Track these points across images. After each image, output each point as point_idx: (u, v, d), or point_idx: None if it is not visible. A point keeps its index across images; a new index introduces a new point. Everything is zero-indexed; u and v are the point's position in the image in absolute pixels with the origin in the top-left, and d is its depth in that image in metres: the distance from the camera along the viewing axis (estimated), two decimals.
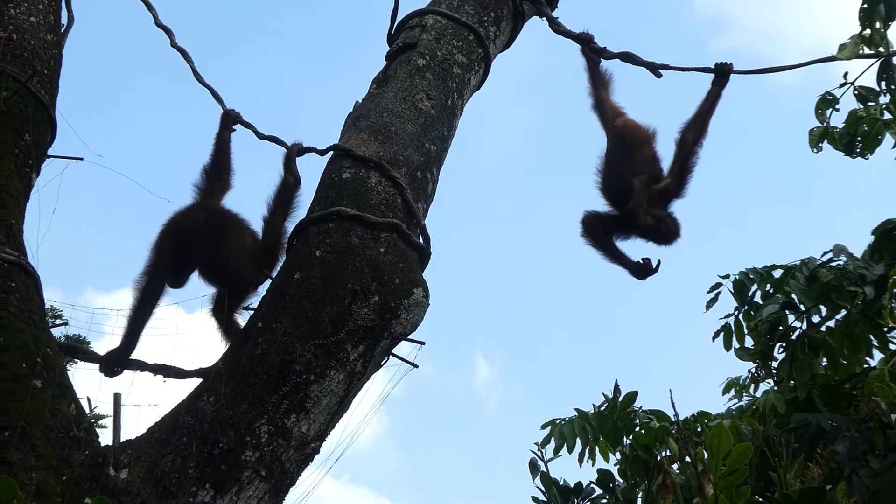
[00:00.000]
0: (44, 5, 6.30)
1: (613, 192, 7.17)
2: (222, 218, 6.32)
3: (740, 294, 9.33)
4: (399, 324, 5.33)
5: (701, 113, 6.95)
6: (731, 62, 6.87)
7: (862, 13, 6.93)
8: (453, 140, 6.50)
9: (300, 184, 6.37)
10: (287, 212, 6.28)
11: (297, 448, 4.90)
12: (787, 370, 8.43)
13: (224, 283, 6.29)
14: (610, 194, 7.20)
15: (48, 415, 4.59)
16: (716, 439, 4.89)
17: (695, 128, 6.94)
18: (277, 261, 6.17)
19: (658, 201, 6.99)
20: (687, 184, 7.02)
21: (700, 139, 6.96)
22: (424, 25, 6.72)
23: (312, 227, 5.55)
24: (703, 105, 6.96)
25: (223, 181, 6.54)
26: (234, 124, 6.70)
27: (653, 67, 7.01)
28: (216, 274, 6.28)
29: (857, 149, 8.90)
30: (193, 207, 6.32)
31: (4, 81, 5.68)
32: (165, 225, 6.21)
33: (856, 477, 6.78)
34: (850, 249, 8.54)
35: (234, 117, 6.70)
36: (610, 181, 7.20)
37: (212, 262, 6.22)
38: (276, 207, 6.28)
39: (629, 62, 7.17)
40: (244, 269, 6.15)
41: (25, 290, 5.06)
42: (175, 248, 6.13)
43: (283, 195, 6.29)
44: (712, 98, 6.94)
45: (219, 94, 6.91)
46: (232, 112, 6.73)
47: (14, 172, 5.49)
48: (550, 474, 7.25)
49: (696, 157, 6.98)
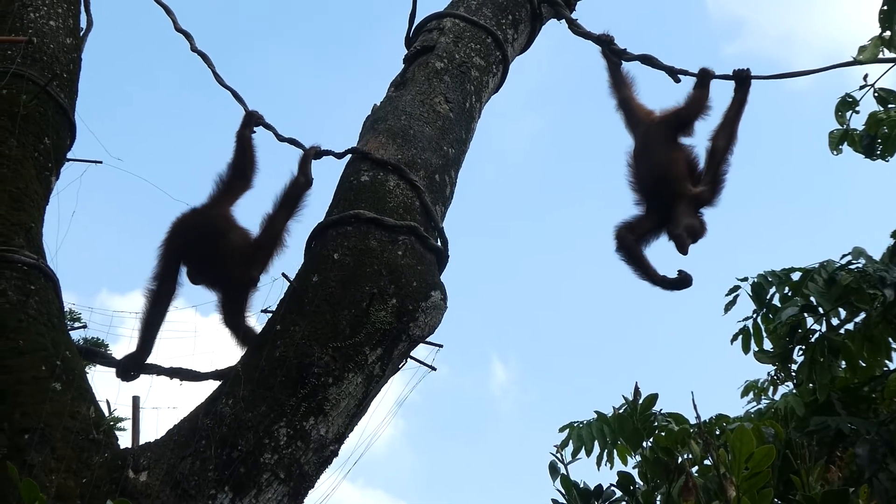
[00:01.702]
0: (63, 9, 6.32)
1: (646, 191, 7.13)
2: (212, 220, 6.33)
3: (759, 297, 9.30)
4: (417, 327, 5.32)
5: (728, 120, 6.92)
6: (748, 67, 6.86)
7: (882, 15, 6.90)
8: (471, 143, 6.49)
9: (310, 185, 6.38)
10: (292, 211, 6.30)
11: (315, 451, 4.90)
12: (806, 373, 8.40)
13: (216, 285, 6.32)
14: (642, 192, 7.16)
15: (68, 417, 4.60)
16: (738, 441, 4.88)
17: (724, 135, 6.91)
18: (272, 259, 6.20)
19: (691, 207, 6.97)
20: (720, 193, 6.99)
21: (730, 146, 6.92)
22: (442, 28, 6.72)
23: (330, 229, 5.54)
24: (728, 112, 6.92)
25: (246, 179, 6.54)
26: (256, 126, 6.71)
27: (672, 72, 7.00)
28: (207, 276, 6.31)
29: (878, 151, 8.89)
30: (194, 211, 6.33)
31: (24, 85, 5.70)
32: (170, 229, 6.24)
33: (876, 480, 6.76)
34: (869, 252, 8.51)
35: (256, 119, 6.71)
36: (642, 180, 7.17)
37: (202, 264, 6.26)
38: (280, 205, 6.30)
39: (648, 65, 7.15)
40: (235, 270, 6.18)
41: (45, 293, 5.07)
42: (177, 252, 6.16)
43: (290, 194, 6.31)
44: (737, 104, 6.91)
45: (241, 96, 6.93)
46: (255, 113, 6.74)
47: (34, 176, 5.50)
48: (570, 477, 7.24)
49: (727, 164, 6.95)
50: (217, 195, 6.42)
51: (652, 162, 7.07)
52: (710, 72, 6.94)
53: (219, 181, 6.46)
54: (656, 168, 7.03)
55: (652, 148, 7.10)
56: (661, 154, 7.04)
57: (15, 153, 5.43)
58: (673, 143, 7.07)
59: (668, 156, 7.03)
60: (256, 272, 6.27)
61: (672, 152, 7.04)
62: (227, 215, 6.40)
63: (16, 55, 5.80)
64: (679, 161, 7.01)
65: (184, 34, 7.30)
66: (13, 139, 5.46)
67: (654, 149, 7.09)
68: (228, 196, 6.46)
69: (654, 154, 7.07)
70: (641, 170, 7.15)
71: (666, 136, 7.08)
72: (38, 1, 6.20)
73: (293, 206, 6.31)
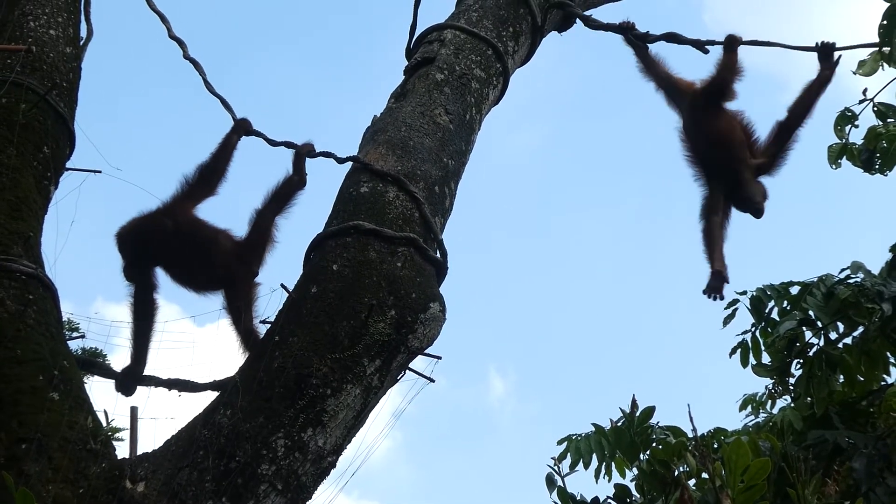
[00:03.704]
0: (63, 18, 6.33)
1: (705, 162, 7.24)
2: (192, 227, 6.33)
3: (757, 310, 9.29)
4: (416, 338, 5.32)
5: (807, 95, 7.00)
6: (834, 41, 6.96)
7: (882, 30, 6.90)
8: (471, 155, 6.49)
9: (304, 184, 6.42)
10: (282, 207, 6.34)
11: (313, 462, 4.89)
12: (804, 387, 8.40)
13: (215, 288, 6.33)
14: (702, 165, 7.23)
15: (65, 427, 4.60)
16: (734, 454, 4.88)
17: (799, 110, 7.01)
18: (264, 254, 6.22)
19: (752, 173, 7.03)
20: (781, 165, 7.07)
21: (803, 121, 7.03)
22: (443, 40, 6.72)
23: (330, 240, 5.54)
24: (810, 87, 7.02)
25: (211, 185, 6.53)
26: (246, 134, 6.68)
27: (698, 45, 7.15)
28: (204, 281, 6.32)
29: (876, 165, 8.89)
30: (158, 214, 6.32)
31: (24, 94, 5.70)
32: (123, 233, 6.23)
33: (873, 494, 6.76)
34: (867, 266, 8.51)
35: (245, 127, 6.68)
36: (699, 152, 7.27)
37: (195, 270, 6.27)
38: (270, 200, 6.35)
39: (675, 42, 7.32)
40: (230, 268, 6.20)
41: (43, 303, 5.07)
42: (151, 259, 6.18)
43: (282, 191, 6.36)
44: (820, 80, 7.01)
45: (229, 104, 6.84)
46: (244, 122, 6.71)
47: (33, 185, 5.51)
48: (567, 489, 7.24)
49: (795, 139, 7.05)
50: (179, 197, 6.40)
51: (707, 131, 7.18)
52: (737, 38, 7.03)
53: (184, 183, 6.44)
54: (712, 135, 7.16)
55: (702, 118, 7.22)
56: (714, 122, 7.16)
57: (14, 162, 5.43)
58: (721, 110, 7.21)
59: (721, 123, 7.16)
60: (254, 266, 6.29)
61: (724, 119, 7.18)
62: (195, 218, 6.40)
63: (15, 64, 5.81)
64: (735, 127, 7.15)
65: (178, 42, 7.28)
66: (12, 148, 5.46)
67: (704, 118, 7.20)
68: (192, 200, 6.44)
69: (707, 123, 7.19)
70: (697, 141, 7.25)
71: (711, 104, 7.19)
72: (38, 10, 6.21)
73: (284, 202, 6.36)
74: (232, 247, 6.33)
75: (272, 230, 6.35)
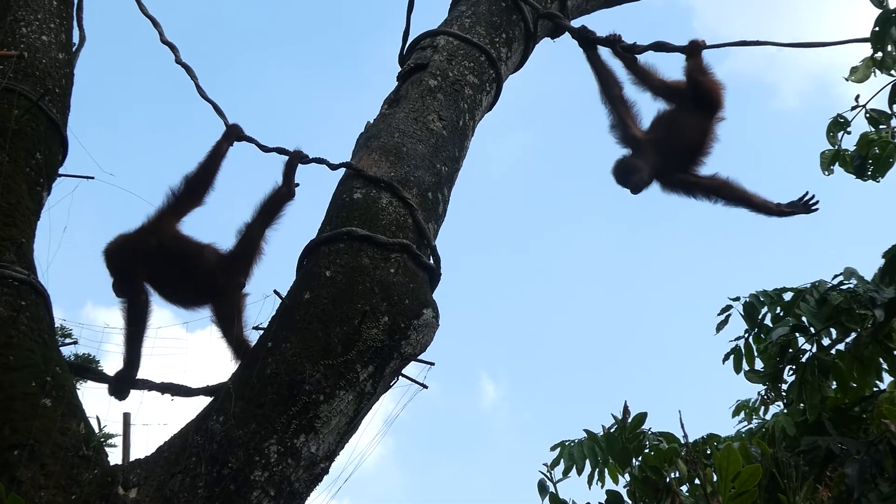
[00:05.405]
0: (55, 24, 6.32)
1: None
2: (177, 244, 6.33)
3: (750, 317, 9.28)
4: (409, 344, 5.32)
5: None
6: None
7: (874, 36, 6.91)
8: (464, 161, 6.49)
9: (293, 196, 6.40)
10: (270, 220, 6.34)
11: (306, 468, 4.89)
12: (796, 393, 8.38)
13: (203, 303, 6.34)
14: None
15: (57, 433, 4.60)
16: (725, 461, 4.88)
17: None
18: (251, 266, 6.22)
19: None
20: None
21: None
22: (436, 46, 6.72)
23: (323, 247, 5.54)
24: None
25: (198, 197, 6.50)
26: (238, 140, 6.66)
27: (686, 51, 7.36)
28: (191, 297, 6.33)
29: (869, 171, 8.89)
30: (142, 232, 6.31)
31: (16, 100, 5.69)
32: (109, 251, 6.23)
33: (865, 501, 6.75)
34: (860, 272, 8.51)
35: (236, 133, 6.66)
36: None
37: (181, 286, 6.28)
38: (259, 214, 6.34)
39: (662, 51, 7.48)
40: (216, 282, 6.20)
41: (35, 309, 5.07)
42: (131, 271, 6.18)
43: (270, 203, 6.35)
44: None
45: (221, 110, 6.80)
46: (236, 127, 6.68)
47: (25, 191, 5.50)
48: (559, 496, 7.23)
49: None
50: (164, 213, 6.38)
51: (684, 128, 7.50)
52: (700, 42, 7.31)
53: (170, 197, 6.41)
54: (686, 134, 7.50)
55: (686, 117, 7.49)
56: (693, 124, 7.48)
57: (6, 168, 5.43)
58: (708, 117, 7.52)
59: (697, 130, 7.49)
60: (240, 279, 6.29)
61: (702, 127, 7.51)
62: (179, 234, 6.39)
63: (7, 70, 5.81)
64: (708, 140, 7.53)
65: (170, 46, 7.26)
66: (5, 154, 5.47)
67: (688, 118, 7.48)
68: (177, 214, 6.43)
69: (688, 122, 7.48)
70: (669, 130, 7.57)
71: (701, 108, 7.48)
72: (31, 16, 6.20)
73: (272, 214, 6.35)
74: (217, 261, 6.32)
75: (259, 243, 6.34)
